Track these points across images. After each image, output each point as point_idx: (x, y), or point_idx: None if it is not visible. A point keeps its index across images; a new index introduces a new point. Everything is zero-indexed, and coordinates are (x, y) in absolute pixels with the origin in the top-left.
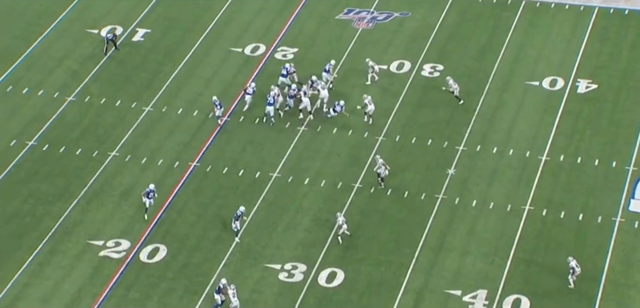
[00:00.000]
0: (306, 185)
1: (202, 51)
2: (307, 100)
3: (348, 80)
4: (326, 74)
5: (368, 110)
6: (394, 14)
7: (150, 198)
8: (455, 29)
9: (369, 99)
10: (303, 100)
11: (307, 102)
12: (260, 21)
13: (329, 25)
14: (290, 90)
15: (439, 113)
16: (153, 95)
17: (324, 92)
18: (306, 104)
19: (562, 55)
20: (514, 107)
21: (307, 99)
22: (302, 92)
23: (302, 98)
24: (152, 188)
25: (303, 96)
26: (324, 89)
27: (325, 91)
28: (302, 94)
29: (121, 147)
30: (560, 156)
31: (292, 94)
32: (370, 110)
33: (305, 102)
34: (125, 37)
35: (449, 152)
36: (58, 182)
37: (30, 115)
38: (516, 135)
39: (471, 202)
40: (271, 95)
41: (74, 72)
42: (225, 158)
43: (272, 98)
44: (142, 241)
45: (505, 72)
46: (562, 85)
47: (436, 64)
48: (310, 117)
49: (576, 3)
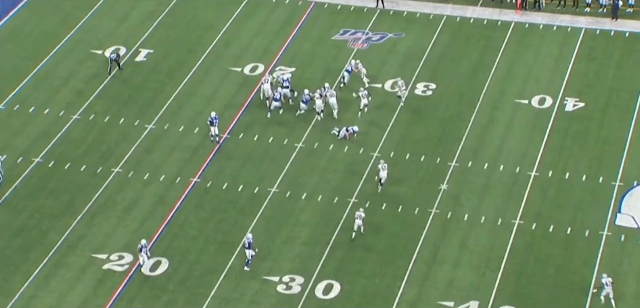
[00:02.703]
0: (303, 200)
1: (203, 71)
2: (320, 102)
3: (343, 100)
4: (348, 74)
5: (362, 105)
6: (388, 35)
7: None
8: (447, 49)
9: (365, 93)
10: (316, 103)
11: (320, 103)
12: (258, 42)
13: (325, 45)
14: (303, 95)
15: (431, 130)
16: (155, 113)
17: (333, 100)
18: (319, 105)
19: (550, 75)
20: (504, 125)
21: (320, 101)
22: (317, 94)
23: (315, 100)
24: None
25: (317, 98)
26: (332, 97)
27: (333, 99)
28: (317, 96)
29: (124, 163)
30: (549, 172)
31: (305, 99)
32: (364, 105)
33: (318, 104)
34: (128, 57)
35: (441, 168)
36: (63, 198)
37: (36, 133)
38: (506, 151)
39: (463, 216)
40: (278, 92)
41: (79, 91)
42: (225, 175)
43: (278, 94)
44: None
45: (495, 91)
46: (551, 103)
47: (429, 83)
48: (319, 117)
49: (564, 24)
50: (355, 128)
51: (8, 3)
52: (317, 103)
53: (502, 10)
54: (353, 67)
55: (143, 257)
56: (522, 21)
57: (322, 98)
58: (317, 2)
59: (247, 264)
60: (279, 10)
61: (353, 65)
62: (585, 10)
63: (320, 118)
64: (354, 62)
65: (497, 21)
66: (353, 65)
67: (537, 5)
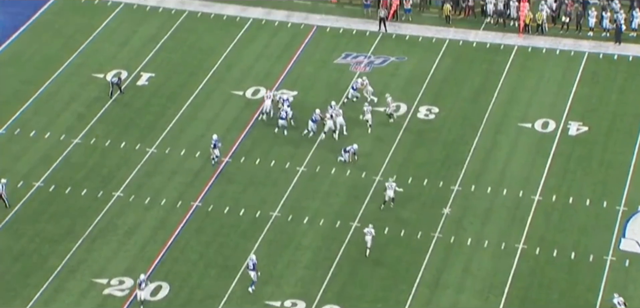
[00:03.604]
0: (305, 224)
1: (205, 94)
2: (331, 122)
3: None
4: (354, 91)
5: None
6: (391, 58)
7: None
8: (450, 72)
9: (369, 108)
10: (327, 123)
11: (332, 123)
12: (260, 65)
13: (327, 69)
14: (313, 114)
15: (434, 154)
16: (157, 137)
17: (340, 118)
18: (330, 125)
19: (553, 98)
20: (507, 149)
21: (331, 121)
22: (328, 115)
23: (326, 120)
24: None
25: (328, 118)
26: (338, 116)
27: (340, 118)
28: (328, 117)
29: (125, 187)
30: (553, 196)
31: (315, 118)
32: (369, 118)
33: (329, 124)
34: (130, 81)
35: (444, 192)
36: (64, 222)
37: (37, 157)
38: (509, 175)
39: (466, 241)
40: (284, 111)
41: (80, 115)
42: (226, 198)
43: (284, 113)
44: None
45: (498, 115)
46: (554, 127)
47: (431, 106)
48: (334, 134)
49: (567, 48)
50: (355, 146)
51: (9, 27)
52: (328, 123)
53: (505, 34)
54: (359, 85)
55: (141, 293)
56: (525, 45)
57: (332, 118)
58: (319, 26)
59: (251, 286)
60: (281, 34)
61: (359, 83)
62: (589, 34)
63: (334, 137)
64: (360, 80)
65: (500, 45)
66: (360, 83)
67: (540, 29)
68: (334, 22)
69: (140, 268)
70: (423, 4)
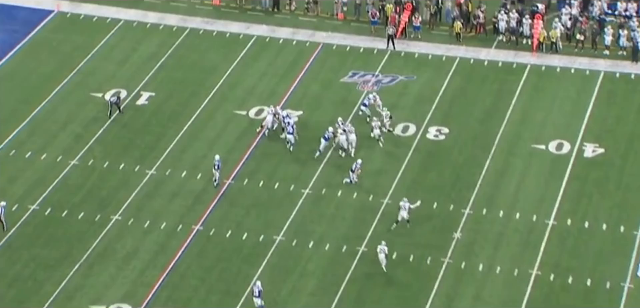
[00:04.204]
0: (310, 249)
1: (206, 114)
2: (343, 138)
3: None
4: (365, 107)
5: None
6: (399, 77)
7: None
8: (461, 92)
9: (377, 124)
10: (340, 139)
11: (343, 139)
12: (264, 84)
13: (334, 88)
14: (326, 131)
15: (444, 176)
16: (157, 158)
17: (352, 136)
18: (342, 141)
19: (568, 119)
20: (520, 171)
21: (343, 137)
22: (340, 130)
23: (339, 136)
24: None
25: (340, 134)
26: (351, 133)
27: (353, 135)
28: (340, 132)
29: (124, 210)
30: (568, 220)
31: (327, 136)
32: (378, 135)
33: (342, 140)
34: (129, 100)
35: (454, 216)
36: (60, 247)
37: (33, 179)
38: (523, 198)
39: (477, 266)
40: (291, 125)
41: (77, 136)
42: (228, 222)
43: (291, 128)
44: (144, 305)
45: (511, 136)
46: (569, 149)
47: (441, 127)
48: (342, 153)
49: (582, 67)
50: (359, 161)
51: (5, 45)
52: (341, 139)
53: (518, 52)
54: (372, 100)
55: None
56: (538, 63)
57: (345, 133)
58: (325, 43)
59: None
60: (285, 52)
61: (371, 99)
62: (605, 53)
63: (345, 155)
64: (372, 95)
65: (513, 63)
66: (371, 98)
67: (554, 47)
68: (341, 40)
69: (139, 295)
70: (433, 21)
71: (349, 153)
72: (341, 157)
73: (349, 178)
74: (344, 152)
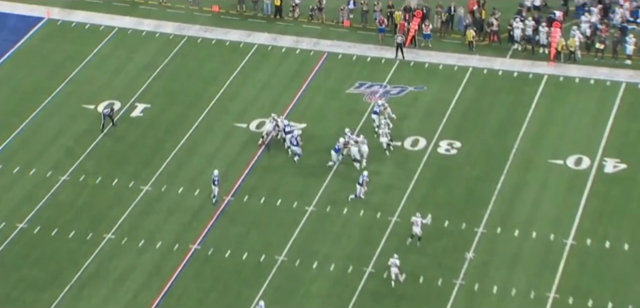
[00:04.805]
0: (315, 269)
1: (205, 127)
2: (355, 149)
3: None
4: (375, 115)
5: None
6: (408, 88)
7: None
8: (473, 103)
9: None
10: (351, 150)
11: (356, 151)
12: (266, 95)
13: (339, 99)
14: (338, 143)
15: (456, 193)
16: (152, 174)
17: (364, 147)
18: (354, 153)
19: (587, 133)
20: (536, 187)
21: (355, 147)
22: (352, 141)
23: (350, 147)
24: None
25: (352, 145)
26: (364, 144)
27: (365, 146)
28: (352, 143)
29: (117, 228)
30: (587, 240)
31: (338, 147)
32: (385, 142)
33: (354, 151)
34: (123, 112)
35: (467, 235)
36: (50, 267)
37: (20, 196)
38: (539, 217)
39: (492, 289)
40: (295, 137)
41: (68, 150)
42: (228, 241)
43: (295, 140)
44: None
45: (527, 150)
46: (588, 165)
47: (453, 141)
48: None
49: (602, 77)
50: (365, 173)
51: None
52: (353, 150)
53: (534, 62)
54: (382, 107)
55: None
56: (556, 74)
57: (357, 144)
58: (330, 52)
59: None
60: (288, 61)
61: (381, 106)
62: (626, 62)
63: (360, 166)
64: (381, 102)
65: (529, 74)
66: (381, 105)
67: (573, 57)
68: (347, 48)
69: None
70: (444, 28)
71: (362, 164)
72: (356, 168)
73: (355, 193)
74: (359, 163)
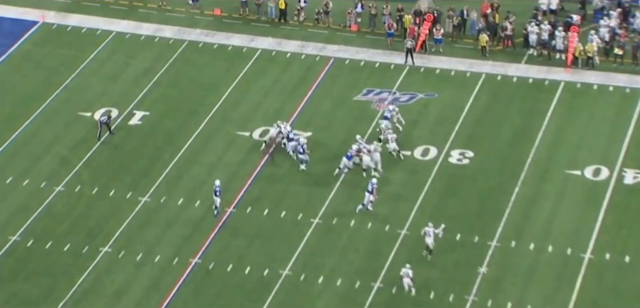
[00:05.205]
0: (320, 284)
1: (206, 135)
2: (368, 158)
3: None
4: (386, 121)
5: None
6: (419, 95)
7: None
8: (487, 111)
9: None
10: (364, 159)
11: (368, 160)
12: (269, 103)
13: (346, 107)
14: (350, 150)
15: (468, 204)
16: (151, 184)
17: (377, 154)
18: (367, 162)
19: (606, 142)
20: (552, 199)
21: (368, 157)
22: (365, 150)
23: (363, 156)
24: None
25: (364, 153)
26: (376, 152)
27: (378, 154)
28: (365, 151)
29: (114, 241)
30: (606, 254)
31: (350, 155)
32: (394, 148)
33: (366, 161)
34: (121, 120)
35: (480, 248)
36: (43, 282)
37: (13, 207)
38: (556, 230)
39: (506, 305)
40: (302, 144)
41: (63, 159)
42: (230, 254)
43: (302, 148)
44: None
45: (542, 160)
46: (607, 175)
47: (465, 150)
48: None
49: (621, 84)
50: (374, 181)
51: None
52: (365, 160)
53: (550, 68)
54: (392, 112)
55: None
56: (573, 80)
57: (369, 153)
58: (337, 58)
59: None
60: (293, 67)
61: (392, 111)
62: None
63: (379, 176)
64: (392, 107)
65: (544, 80)
66: (392, 110)
67: (591, 63)
68: (354, 54)
69: None
70: (456, 33)
71: (379, 172)
72: (363, 177)
73: (362, 203)
74: (377, 172)
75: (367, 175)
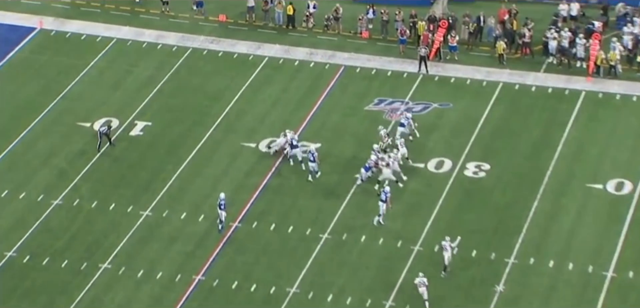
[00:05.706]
0: (329, 303)
1: (210, 147)
2: (388, 171)
3: None
4: (402, 128)
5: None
6: (433, 105)
7: None
8: (504, 122)
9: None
10: (384, 172)
11: (389, 172)
12: (277, 113)
13: (357, 117)
14: (369, 160)
15: (484, 219)
16: (152, 198)
17: (395, 164)
18: (387, 174)
19: (629, 155)
20: (573, 214)
21: (388, 170)
22: (384, 163)
23: (382, 169)
24: None
25: (384, 166)
26: (395, 162)
27: (396, 163)
28: (384, 165)
29: (114, 257)
30: (630, 272)
31: (368, 166)
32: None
33: (387, 173)
34: (121, 130)
35: (497, 266)
36: (40, 299)
37: (9, 222)
38: (576, 247)
39: None
40: (311, 152)
41: (61, 171)
42: (235, 271)
43: (312, 156)
44: None
45: (562, 173)
46: (630, 189)
47: (481, 163)
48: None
49: None
50: (387, 189)
51: None
52: (385, 172)
53: (571, 77)
54: (409, 120)
55: None
56: (594, 90)
57: (388, 166)
58: (347, 66)
59: None
60: (301, 76)
61: (409, 118)
62: None
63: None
64: (409, 114)
65: (565, 90)
66: (409, 117)
67: (613, 71)
68: (365, 62)
69: None
70: (472, 40)
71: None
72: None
73: (378, 213)
74: (401, 182)
75: (380, 186)
